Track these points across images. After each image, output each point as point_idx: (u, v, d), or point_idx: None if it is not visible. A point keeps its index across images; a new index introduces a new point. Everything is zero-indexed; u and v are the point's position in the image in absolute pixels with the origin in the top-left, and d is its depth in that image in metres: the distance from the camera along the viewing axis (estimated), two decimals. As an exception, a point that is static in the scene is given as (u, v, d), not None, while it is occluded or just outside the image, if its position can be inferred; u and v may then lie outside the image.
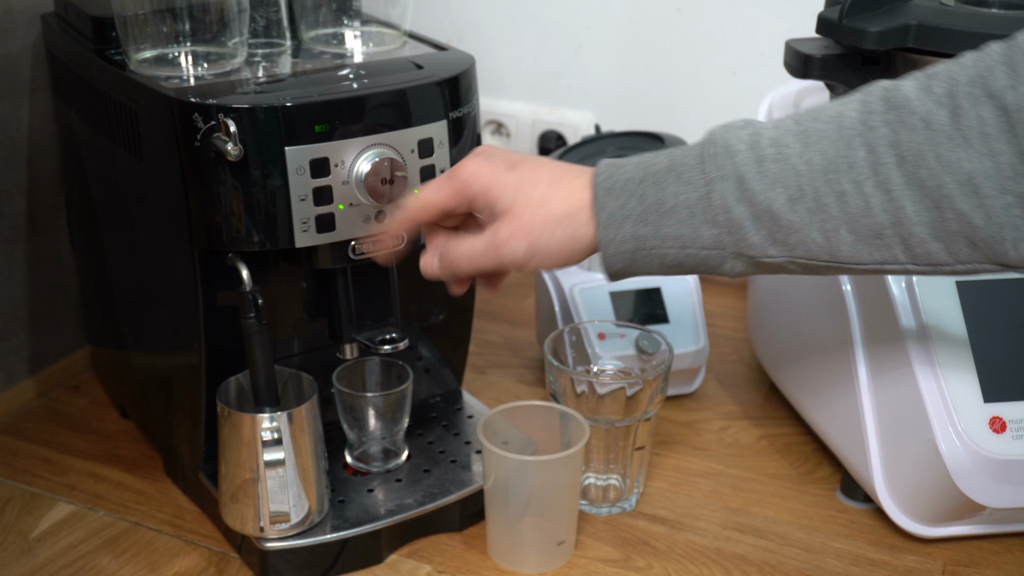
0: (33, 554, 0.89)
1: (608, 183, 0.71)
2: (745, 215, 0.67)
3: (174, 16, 0.82)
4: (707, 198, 0.68)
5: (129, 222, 0.92)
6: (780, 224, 0.66)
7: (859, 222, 0.65)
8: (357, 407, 0.93)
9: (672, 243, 0.69)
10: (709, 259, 0.69)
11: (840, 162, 0.65)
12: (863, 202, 0.64)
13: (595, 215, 0.70)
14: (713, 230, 0.68)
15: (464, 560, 0.89)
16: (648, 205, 0.69)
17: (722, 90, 1.33)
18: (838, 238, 0.66)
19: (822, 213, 0.65)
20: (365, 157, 0.79)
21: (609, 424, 0.91)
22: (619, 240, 0.70)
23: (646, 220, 0.69)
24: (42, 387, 1.12)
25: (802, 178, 0.65)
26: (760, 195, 0.66)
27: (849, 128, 0.65)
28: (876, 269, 0.67)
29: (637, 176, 0.70)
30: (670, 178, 0.69)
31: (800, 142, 0.66)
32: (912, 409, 0.84)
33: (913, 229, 0.64)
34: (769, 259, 0.68)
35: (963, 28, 0.84)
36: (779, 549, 0.91)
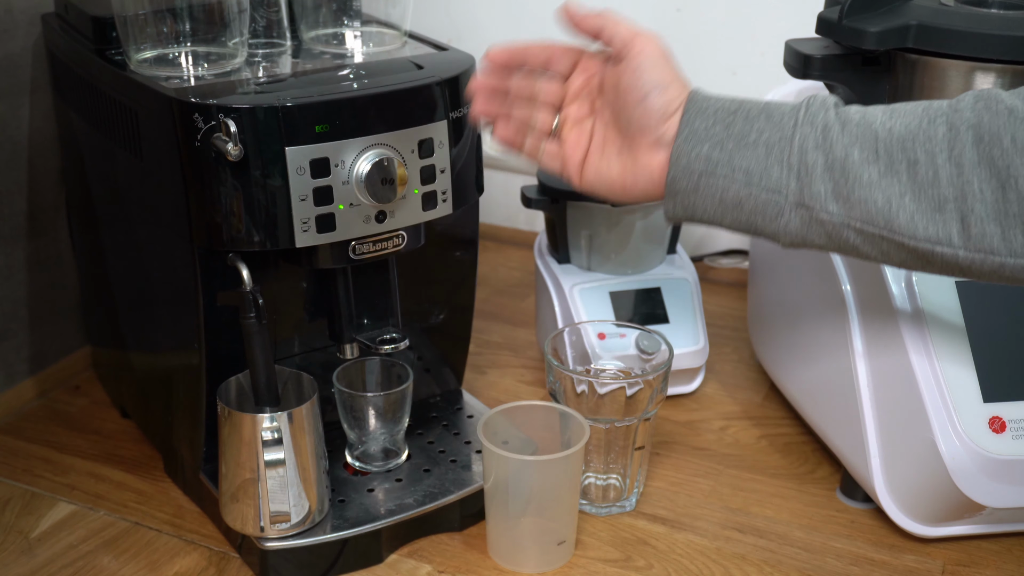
0: (33, 554, 0.89)
1: (702, 104, 0.74)
2: (819, 161, 0.69)
3: (174, 16, 0.82)
4: (789, 139, 0.70)
5: (129, 222, 0.92)
6: (848, 177, 0.69)
7: (924, 191, 0.67)
8: (357, 407, 0.93)
9: (740, 176, 0.71)
10: (768, 205, 0.71)
11: (919, 134, 0.68)
12: (933, 172, 0.67)
13: (679, 127, 0.73)
14: (783, 171, 0.70)
15: (464, 560, 0.89)
16: (732, 133, 0.72)
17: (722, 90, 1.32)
18: (900, 204, 0.68)
19: (891, 176, 0.68)
20: (365, 157, 0.79)
21: (609, 424, 0.91)
22: (692, 157, 0.73)
23: (724, 146, 0.72)
24: (42, 387, 1.12)
25: (880, 142, 0.69)
26: (838, 146, 0.69)
27: (936, 109, 0.69)
28: (926, 249, 0.68)
29: (732, 107, 0.73)
30: (762, 117, 0.72)
31: (886, 114, 0.70)
32: (912, 409, 0.84)
33: (975, 206, 0.66)
34: (826, 215, 0.70)
35: (963, 28, 0.84)
36: (779, 549, 0.91)
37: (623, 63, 0.76)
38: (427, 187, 0.83)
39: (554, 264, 1.12)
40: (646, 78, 0.75)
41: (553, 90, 0.79)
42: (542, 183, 1.10)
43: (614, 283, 1.08)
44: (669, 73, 0.75)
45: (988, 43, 0.84)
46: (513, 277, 1.39)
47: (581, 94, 0.79)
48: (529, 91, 0.79)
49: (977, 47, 0.84)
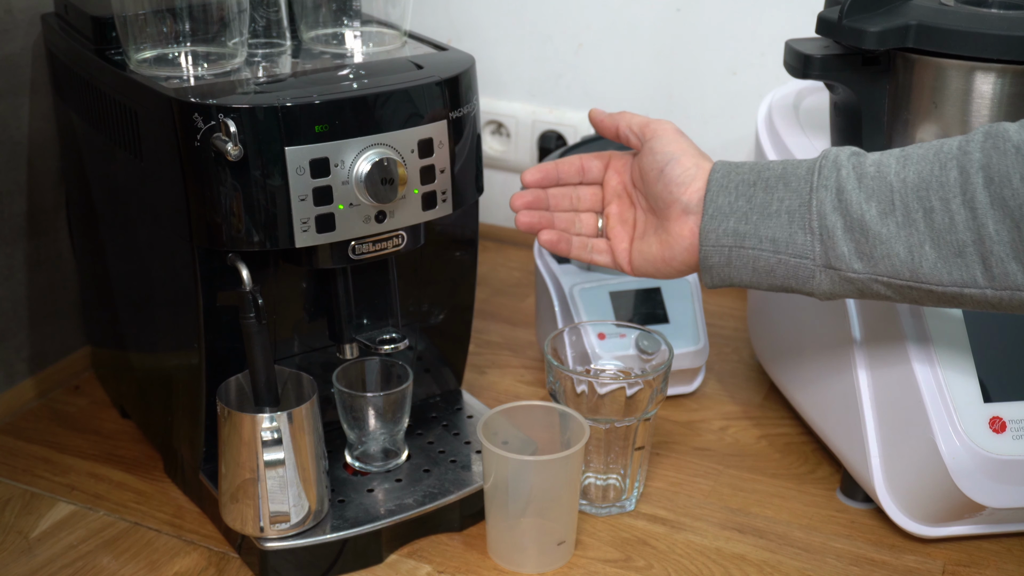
0: (33, 554, 0.89)
1: (723, 181, 0.78)
2: (838, 224, 0.72)
3: (174, 16, 0.82)
4: (807, 204, 0.73)
5: (129, 222, 0.92)
6: (868, 236, 0.72)
7: (943, 238, 0.70)
8: (357, 407, 0.93)
9: (767, 246, 0.75)
10: (799, 269, 0.75)
11: (932, 180, 0.70)
12: (948, 219, 0.69)
13: (704, 206, 0.77)
14: (807, 236, 0.74)
15: (464, 560, 0.89)
16: (754, 206, 0.76)
17: (722, 90, 1.33)
18: (921, 254, 0.70)
19: (909, 227, 0.70)
20: (365, 157, 0.79)
21: (609, 424, 0.91)
22: (719, 233, 0.77)
23: (748, 219, 0.76)
24: (42, 387, 1.12)
25: (895, 193, 0.71)
26: (855, 206, 0.72)
27: (947, 152, 0.70)
28: (955, 293, 0.71)
29: (750, 180, 0.77)
30: (780, 185, 0.75)
31: (899, 163, 0.72)
32: (912, 409, 0.84)
33: (993, 248, 0.68)
34: (853, 274, 0.73)
35: (963, 28, 0.84)
36: (779, 549, 0.91)
37: (643, 148, 0.82)
38: (427, 187, 0.83)
39: (554, 264, 1.12)
40: (660, 152, 0.81)
41: (592, 195, 0.87)
42: (542, 183, 1.10)
43: (614, 283, 1.08)
44: (681, 145, 0.81)
45: (988, 43, 0.84)
46: (513, 277, 1.39)
47: (618, 191, 0.86)
48: (569, 201, 0.87)
49: (977, 47, 0.84)
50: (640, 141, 0.83)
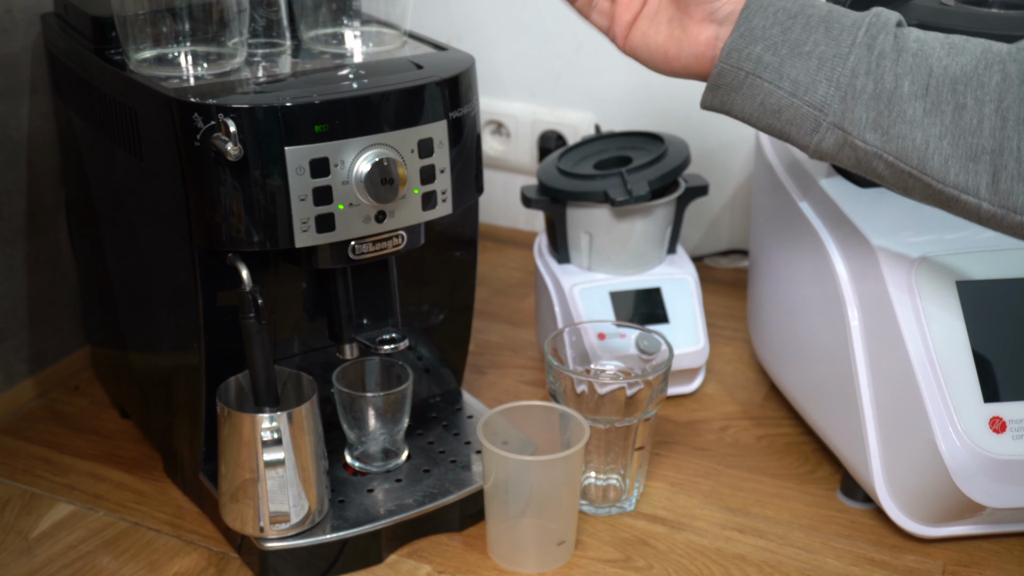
0: (33, 554, 0.89)
1: (764, 1, 0.73)
2: (867, 88, 0.69)
3: (174, 16, 0.82)
4: (844, 57, 0.70)
5: (129, 222, 0.92)
6: (893, 110, 0.69)
7: (964, 138, 0.67)
8: (357, 407, 0.93)
9: (786, 84, 0.71)
10: (807, 119, 0.71)
11: (973, 78, 0.67)
12: (978, 120, 0.67)
13: (738, 21, 0.73)
14: (829, 89, 0.70)
15: (464, 560, 0.89)
16: (788, 39, 0.71)
17: (722, 90, 1.32)
18: (938, 147, 0.68)
19: (935, 116, 0.68)
20: (365, 157, 0.79)
21: (609, 424, 0.91)
22: (743, 55, 0.72)
23: (777, 50, 0.72)
24: (42, 387, 1.12)
25: (932, 78, 0.68)
26: (889, 76, 0.69)
27: (995, 54, 0.68)
28: (952, 195, 0.69)
29: (793, 10, 0.72)
30: (821, 27, 0.71)
31: (944, 49, 0.69)
32: (912, 409, 0.84)
33: (1009, 163, 0.66)
34: (862, 143, 0.70)
35: (963, 28, 0.84)
36: (779, 549, 0.91)
37: None
38: (427, 187, 0.83)
39: (554, 264, 1.12)
40: None
41: None
42: (542, 183, 1.10)
43: (614, 283, 1.08)
44: None
45: (988, 43, 0.84)
46: (513, 277, 1.39)
47: None
48: None
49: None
50: None
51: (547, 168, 1.12)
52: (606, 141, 1.17)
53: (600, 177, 1.07)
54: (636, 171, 1.06)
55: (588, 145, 1.17)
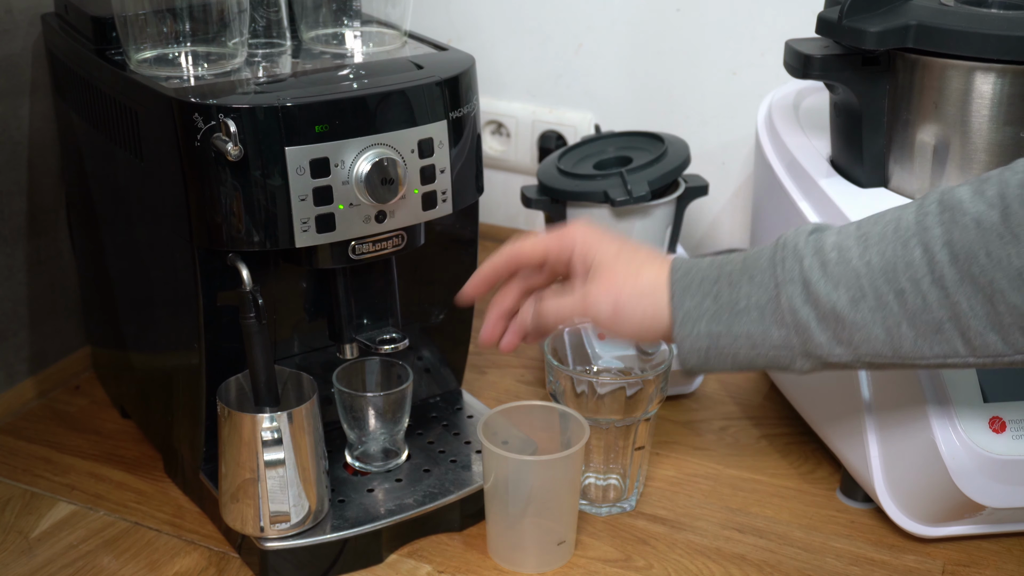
0: (33, 554, 0.89)
1: (684, 281, 0.75)
2: (811, 316, 0.71)
3: (174, 16, 0.82)
4: (776, 300, 0.72)
5: (129, 222, 0.92)
6: (844, 324, 0.70)
7: (919, 318, 0.69)
8: (357, 407, 0.93)
9: (744, 342, 0.74)
10: (779, 358, 0.74)
11: (898, 261, 0.69)
12: (921, 299, 0.68)
13: (672, 311, 0.75)
14: (782, 331, 0.72)
15: (464, 560, 0.89)
16: (722, 304, 0.74)
17: (722, 90, 1.33)
18: (900, 334, 0.69)
19: (883, 311, 0.69)
20: (365, 157, 0.79)
21: (609, 424, 0.91)
22: (694, 337, 0.75)
23: (720, 319, 0.74)
24: (42, 387, 1.12)
25: (863, 279, 0.69)
26: (824, 297, 0.70)
27: (905, 229, 0.69)
28: (938, 363, 0.70)
29: (712, 276, 0.75)
30: (743, 280, 0.74)
31: (860, 245, 0.70)
32: (912, 409, 0.84)
33: (970, 323, 0.67)
34: (835, 358, 0.72)
35: (963, 28, 0.84)
36: (779, 549, 0.91)
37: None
38: (427, 187, 0.83)
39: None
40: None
41: (543, 282, 0.83)
42: (542, 183, 1.10)
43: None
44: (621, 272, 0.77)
45: (988, 43, 0.84)
46: (513, 277, 1.39)
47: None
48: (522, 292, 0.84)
49: (977, 47, 0.84)
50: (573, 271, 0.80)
51: (547, 168, 1.12)
52: (606, 141, 1.17)
53: (600, 177, 1.07)
54: (636, 171, 1.06)
55: (588, 145, 1.17)
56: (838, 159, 0.99)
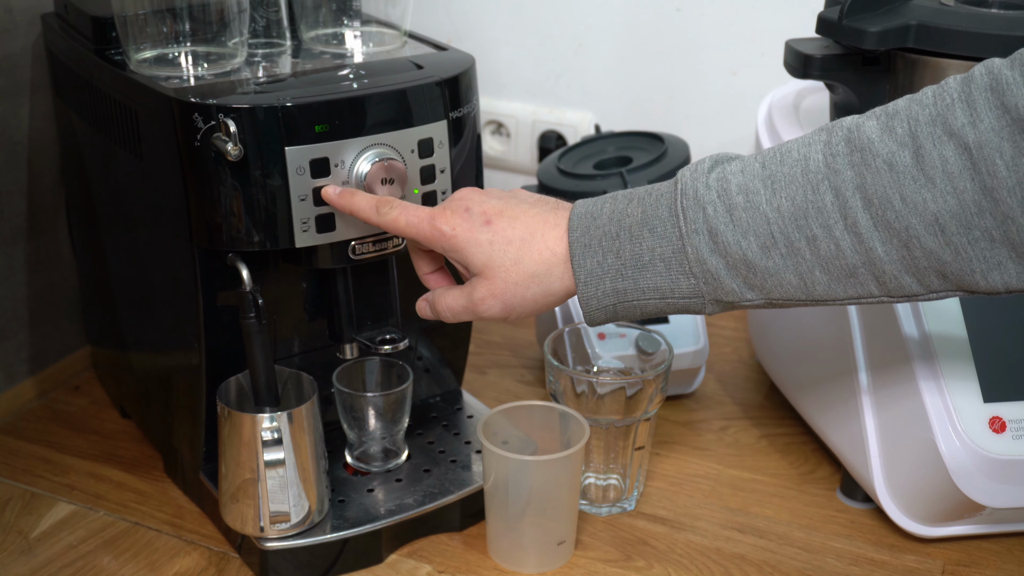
0: (33, 554, 0.89)
1: (584, 239, 0.72)
2: (720, 265, 0.68)
3: (174, 16, 0.82)
4: (682, 251, 0.69)
5: (129, 222, 0.92)
6: (755, 271, 0.68)
7: (832, 263, 0.66)
8: (357, 407, 0.93)
9: (652, 294, 0.71)
10: (689, 306, 0.71)
11: (808, 207, 0.66)
12: (834, 245, 0.66)
13: (574, 272, 0.72)
14: (690, 280, 0.70)
15: (464, 560, 0.89)
16: (625, 260, 0.71)
17: (722, 90, 1.33)
18: (812, 279, 0.67)
19: (795, 257, 0.67)
20: (365, 157, 0.79)
21: (609, 424, 0.91)
22: (600, 295, 0.72)
23: (624, 275, 0.71)
24: (42, 387, 1.12)
25: (772, 225, 0.67)
26: (733, 245, 0.68)
27: (815, 172, 0.66)
28: (851, 302, 0.69)
29: (612, 231, 0.71)
30: (644, 232, 0.70)
31: (768, 188, 0.67)
32: (912, 409, 0.84)
33: (885, 267, 0.65)
34: (748, 302, 0.70)
35: (963, 28, 0.84)
36: (779, 549, 0.91)
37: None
38: (427, 187, 0.83)
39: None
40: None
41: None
42: (542, 183, 1.10)
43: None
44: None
45: (988, 43, 0.84)
46: (513, 277, 1.39)
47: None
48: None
49: (977, 47, 0.84)
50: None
51: (547, 168, 1.12)
52: (606, 141, 1.17)
53: (600, 177, 1.07)
54: (636, 171, 1.06)
55: (588, 145, 1.17)
56: (838, 159, 0.99)
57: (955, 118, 0.62)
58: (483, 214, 0.74)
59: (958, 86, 0.63)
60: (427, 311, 0.81)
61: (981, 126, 0.61)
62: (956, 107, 0.62)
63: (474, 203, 0.75)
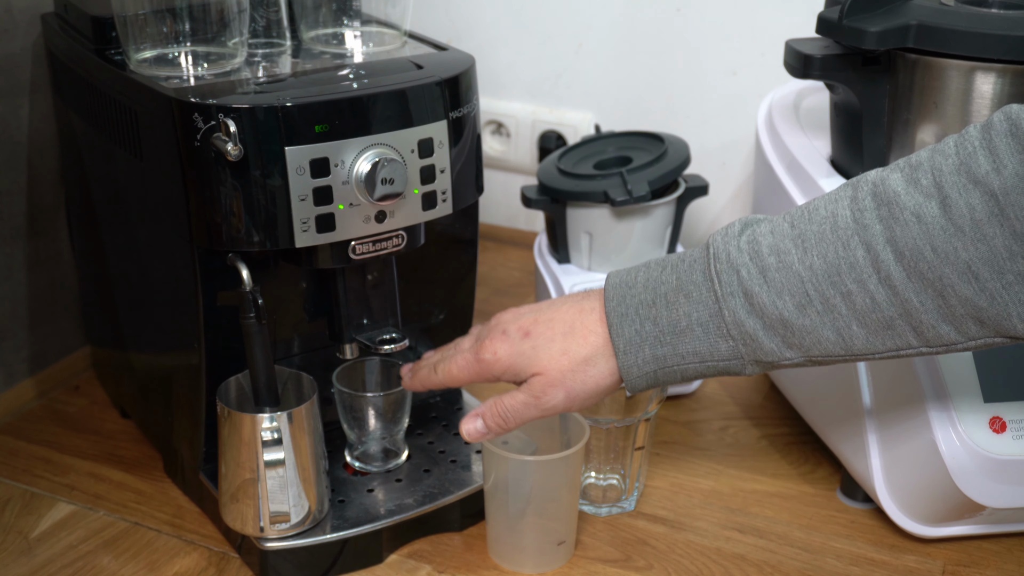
0: (33, 554, 0.89)
1: (620, 309, 0.74)
2: (757, 326, 0.70)
3: (174, 16, 0.82)
4: (719, 315, 0.70)
5: (129, 222, 0.92)
6: (792, 329, 0.69)
7: (868, 317, 0.67)
8: (357, 407, 0.93)
9: (691, 359, 0.72)
10: (729, 367, 0.72)
11: (841, 263, 0.67)
12: (869, 299, 0.67)
13: (612, 341, 0.74)
14: (729, 343, 0.71)
15: (464, 560, 0.89)
16: (663, 327, 0.72)
17: (722, 90, 1.33)
18: (850, 334, 0.68)
19: (831, 313, 0.68)
20: (365, 157, 0.79)
21: (609, 424, 0.91)
22: (640, 363, 0.74)
23: (663, 341, 0.73)
24: (42, 387, 1.12)
25: (807, 283, 0.68)
26: (769, 306, 0.69)
27: (844, 228, 0.67)
28: (892, 356, 0.69)
29: (648, 299, 0.73)
30: (680, 298, 0.72)
31: (799, 247, 0.68)
32: (912, 409, 0.84)
33: (922, 318, 0.66)
34: (787, 361, 0.71)
35: (963, 28, 0.84)
36: (779, 549, 0.91)
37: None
38: (427, 187, 0.83)
39: (554, 264, 1.12)
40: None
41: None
42: (542, 183, 1.10)
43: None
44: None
45: (988, 43, 0.84)
46: (513, 277, 1.39)
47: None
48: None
49: (977, 47, 0.84)
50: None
51: (547, 168, 1.12)
52: (606, 141, 1.17)
53: (600, 177, 1.07)
54: (636, 171, 1.06)
55: (588, 145, 1.17)
56: (838, 159, 0.99)
57: (978, 166, 0.63)
58: (519, 329, 0.78)
59: (979, 134, 0.64)
60: (479, 427, 0.81)
61: (1005, 172, 0.62)
62: (979, 155, 0.63)
63: (509, 323, 0.79)
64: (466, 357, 0.80)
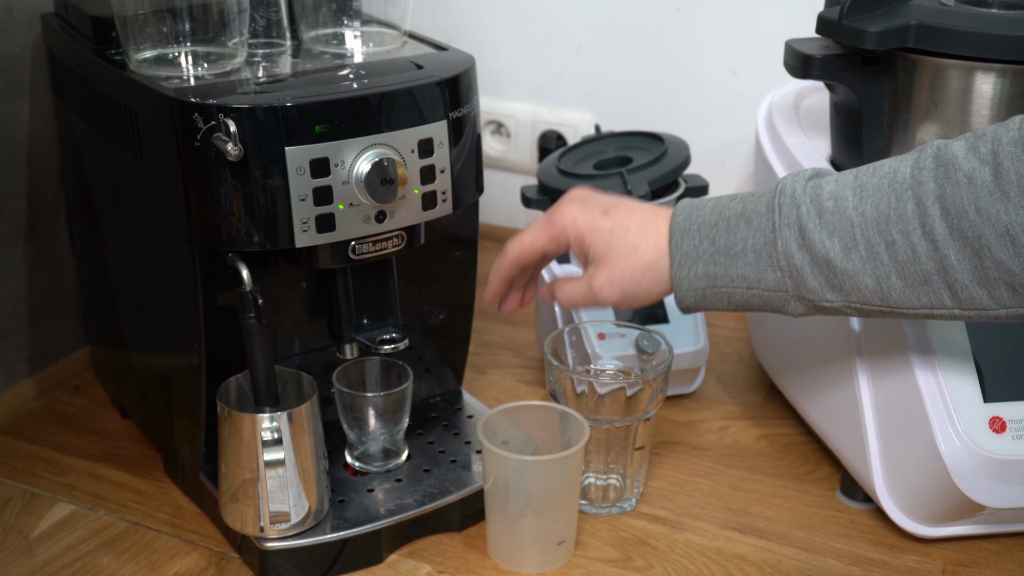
0: (33, 554, 0.89)
1: (684, 224, 0.78)
2: (805, 261, 0.73)
3: (174, 16, 0.82)
4: (772, 244, 0.74)
5: (129, 222, 0.92)
6: (836, 271, 0.73)
7: (908, 269, 0.71)
8: (357, 407, 0.93)
9: (740, 283, 0.76)
10: (773, 300, 0.76)
11: (891, 213, 0.71)
12: (911, 251, 0.70)
13: (671, 253, 0.77)
14: (776, 273, 0.75)
15: (464, 560, 0.89)
16: (719, 247, 0.76)
17: (722, 90, 1.33)
18: (889, 284, 0.72)
19: (874, 261, 0.72)
20: (365, 157, 0.79)
21: (609, 424, 0.91)
22: (691, 277, 0.77)
23: (716, 260, 0.76)
24: (42, 387, 1.12)
25: (856, 228, 0.72)
26: (818, 244, 0.72)
27: (901, 182, 0.71)
28: (925, 313, 0.72)
29: (712, 220, 0.77)
30: (741, 223, 0.76)
31: (856, 195, 0.72)
32: (912, 409, 0.84)
33: (957, 276, 0.69)
34: (827, 303, 0.75)
35: (963, 28, 0.84)
36: (779, 549, 0.91)
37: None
38: (427, 187, 0.83)
39: (554, 264, 1.12)
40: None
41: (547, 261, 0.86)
42: (542, 183, 1.10)
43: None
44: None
45: (988, 43, 0.84)
46: (513, 277, 1.39)
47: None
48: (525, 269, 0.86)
49: (977, 47, 0.84)
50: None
51: (547, 168, 1.12)
52: (606, 141, 1.17)
53: (600, 177, 1.07)
54: (636, 171, 1.06)
55: (588, 145, 1.17)
56: (838, 159, 0.99)
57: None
58: (600, 205, 0.80)
59: None
60: (548, 298, 0.85)
61: None
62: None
63: (588, 197, 0.82)
64: (538, 222, 0.82)
